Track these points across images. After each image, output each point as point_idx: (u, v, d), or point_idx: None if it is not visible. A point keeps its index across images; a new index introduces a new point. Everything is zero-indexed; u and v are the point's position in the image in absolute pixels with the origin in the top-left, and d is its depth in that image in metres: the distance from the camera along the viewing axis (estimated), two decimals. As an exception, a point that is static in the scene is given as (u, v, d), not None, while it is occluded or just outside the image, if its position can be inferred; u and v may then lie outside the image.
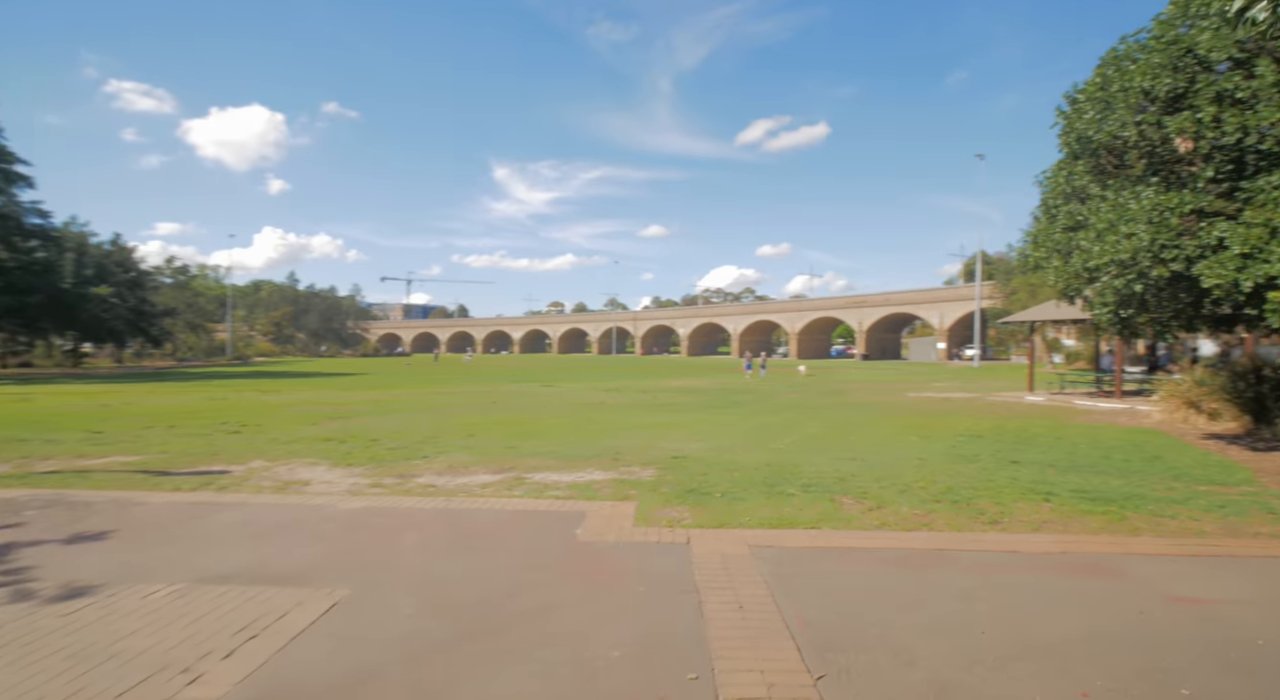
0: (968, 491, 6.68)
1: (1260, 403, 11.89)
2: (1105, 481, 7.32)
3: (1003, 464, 8.82)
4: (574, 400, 20.10)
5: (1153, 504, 6.14)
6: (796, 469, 8.06)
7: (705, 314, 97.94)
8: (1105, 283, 9.19)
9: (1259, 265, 6.90)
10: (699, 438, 11.40)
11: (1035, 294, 40.97)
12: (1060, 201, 10.72)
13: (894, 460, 9.04)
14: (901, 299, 71.43)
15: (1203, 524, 5.46)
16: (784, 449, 10.12)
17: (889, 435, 11.99)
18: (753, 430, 12.53)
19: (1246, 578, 4.20)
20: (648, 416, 15.17)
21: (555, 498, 6.46)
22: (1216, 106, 7.17)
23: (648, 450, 9.79)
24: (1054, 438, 11.64)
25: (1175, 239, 7.89)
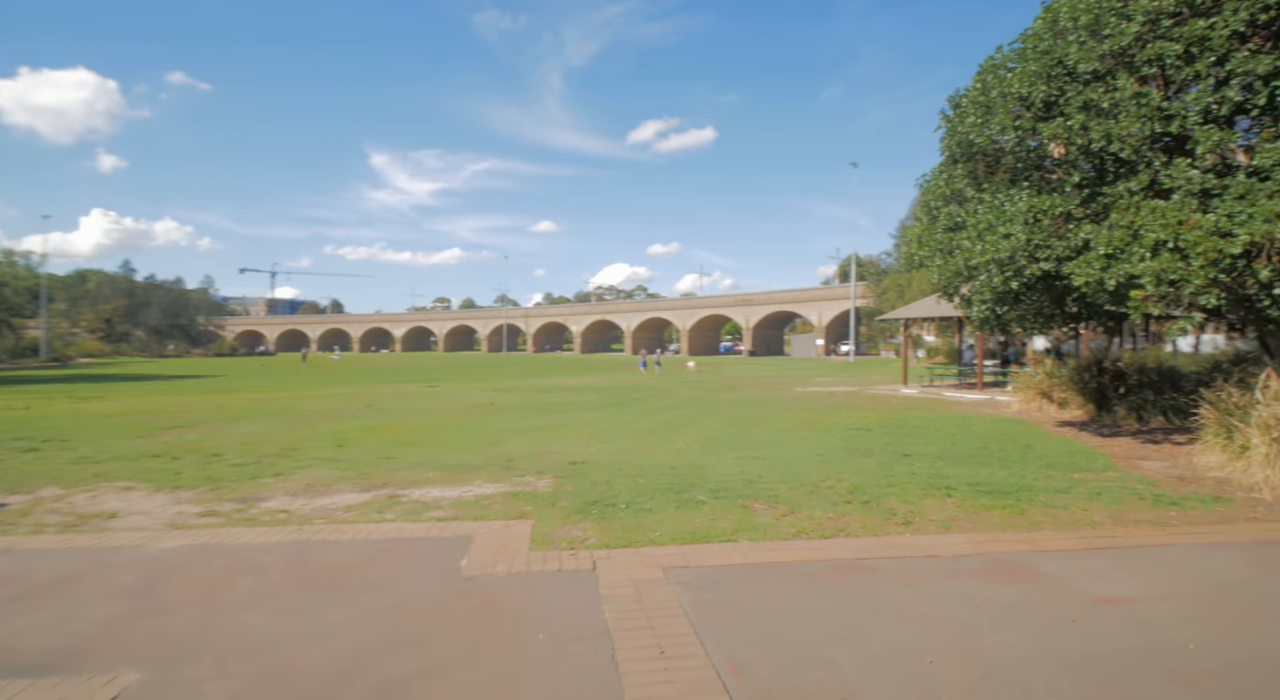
0: (874, 490, 6.57)
1: (1101, 393, 13.21)
2: (993, 473, 7.56)
3: (896, 457, 8.97)
4: (461, 402, 18.77)
5: (1041, 494, 6.32)
6: (703, 471, 7.66)
7: (598, 311, 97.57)
8: (983, 281, 9.64)
9: (1120, 265, 7.38)
10: (598, 439, 10.78)
11: (903, 294, 44.41)
12: (941, 203, 11.19)
13: (796, 457, 8.93)
14: (784, 297, 75.05)
15: (1091, 514, 5.63)
16: (687, 449, 9.75)
17: (785, 430, 12.04)
18: (653, 429, 12.11)
19: (1149, 570, 4.23)
20: (542, 418, 14.34)
21: (436, 519, 5.55)
22: (1084, 115, 7.62)
23: (543, 456, 9.02)
24: (934, 429, 12.22)
25: (1047, 240, 8.33)
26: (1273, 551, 4.62)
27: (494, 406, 17.55)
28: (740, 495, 6.33)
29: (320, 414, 15.24)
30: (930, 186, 11.59)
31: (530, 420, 13.93)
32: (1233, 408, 7.62)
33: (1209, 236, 6.17)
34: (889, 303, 47.03)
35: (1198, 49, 6.82)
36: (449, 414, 15.27)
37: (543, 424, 13.15)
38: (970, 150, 9.82)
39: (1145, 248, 6.94)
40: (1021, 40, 9.33)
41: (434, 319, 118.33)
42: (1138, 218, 7.02)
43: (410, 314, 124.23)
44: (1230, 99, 6.63)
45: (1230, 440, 7.29)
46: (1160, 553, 4.56)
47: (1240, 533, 5.02)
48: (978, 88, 9.08)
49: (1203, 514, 5.61)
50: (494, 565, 4.32)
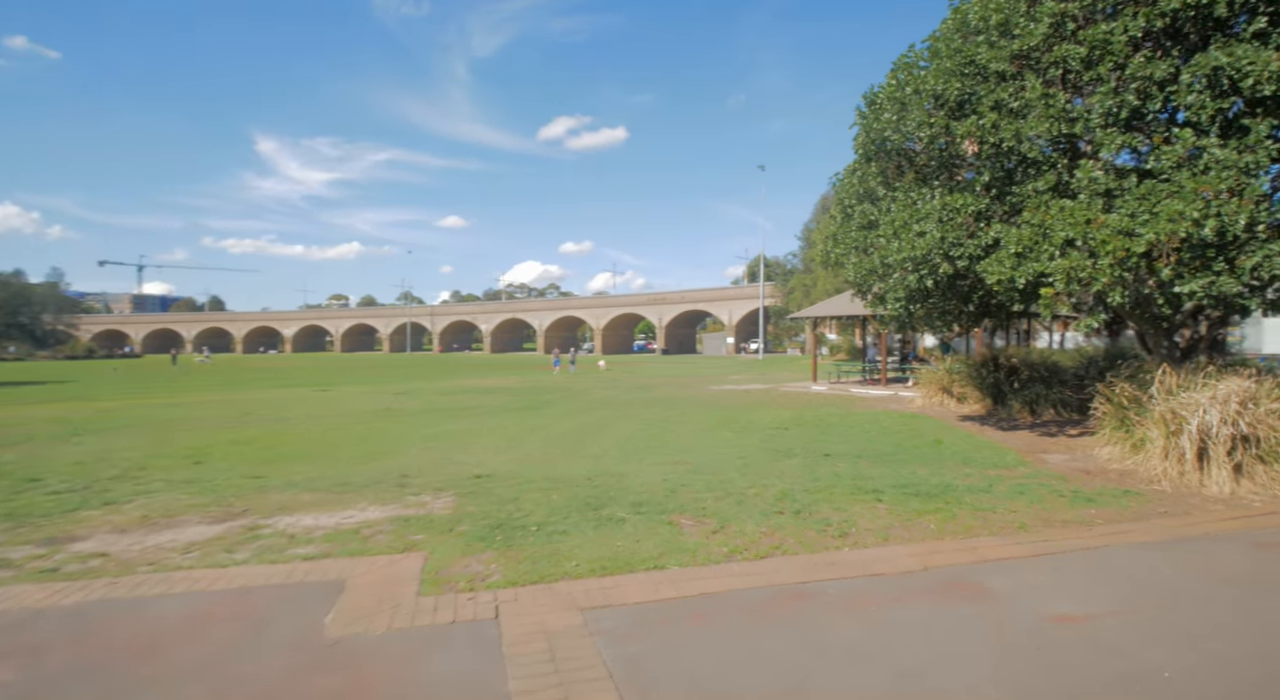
0: (803, 496, 6.20)
1: (997, 388, 13.85)
2: (915, 472, 7.45)
3: (818, 458, 8.77)
4: (355, 407, 17.15)
5: (967, 495, 6.20)
6: (623, 481, 7.04)
7: (509, 309, 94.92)
8: (897, 279, 9.66)
9: (1030, 264, 7.48)
10: (507, 447, 9.91)
11: (809, 294, 46.02)
12: (855, 201, 11.21)
13: (718, 460, 8.51)
14: (696, 297, 76.16)
15: (1019, 515, 5.51)
16: (604, 455, 9.10)
17: (703, 431, 11.68)
18: (568, 434, 11.37)
19: (1092, 579, 4.04)
20: (446, 424, 13.21)
21: (302, 558, 4.57)
22: (995, 114, 7.69)
23: (444, 469, 8.07)
24: (848, 426, 12.28)
25: (960, 238, 8.38)
26: (1195, 550, 4.60)
27: (392, 412, 16.13)
28: (664, 509, 5.76)
29: (183, 425, 13.29)
30: (844, 185, 11.60)
31: (432, 427, 12.78)
32: (1126, 402, 7.94)
33: (1115, 235, 6.28)
34: (796, 302, 48.62)
35: (1099, 53, 6.99)
36: (339, 421, 13.78)
37: (446, 431, 12.07)
38: (885, 147, 9.81)
39: (1054, 246, 7.03)
40: (931, 40, 9.41)
41: (330, 317, 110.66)
42: (1047, 217, 7.11)
43: (303, 312, 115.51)
44: (1129, 103, 6.84)
45: (1127, 433, 7.57)
46: (1096, 557, 4.42)
47: (1160, 530, 5.02)
48: (893, 84, 9.04)
49: (1119, 511, 5.64)
50: (369, 620, 3.47)
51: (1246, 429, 6.03)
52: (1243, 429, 6.03)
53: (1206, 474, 6.26)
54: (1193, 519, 5.35)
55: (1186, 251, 6.02)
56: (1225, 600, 3.72)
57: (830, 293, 42.33)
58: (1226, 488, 6.05)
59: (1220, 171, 5.92)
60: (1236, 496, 5.98)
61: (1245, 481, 6.08)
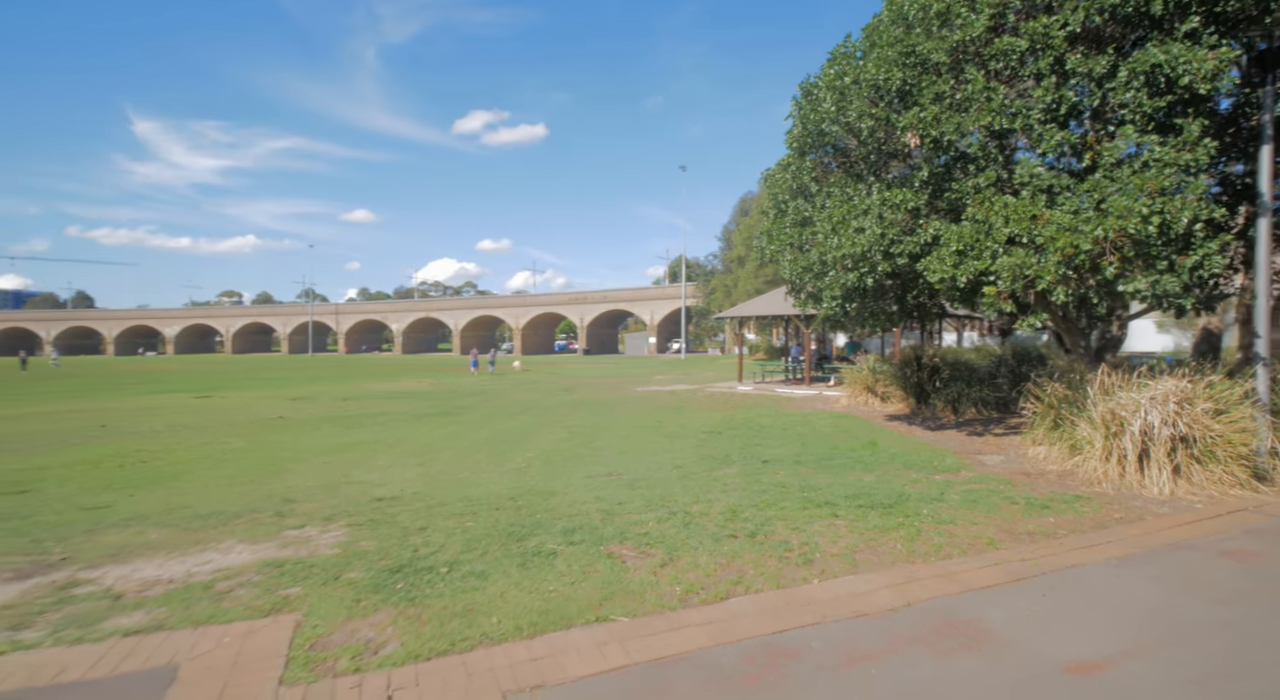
0: (753, 513, 5.61)
1: (920, 387, 14.04)
2: (861, 480, 7.06)
3: (757, 465, 8.28)
4: (240, 416, 15.20)
5: (923, 506, 5.82)
6: (551, 500, 6.19)
7: (422, 308, 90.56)
8: (833, 277, 9.35)
9: (971, 262, 7.28)
10: (416, 462, 8.79)
11: (730, 294, 46.51)
12: (788, 197, 10.86)
13: (653, 471, 7.83)
14: (618, 296, 75.60)
15: (982, 528, 5.15)
16: (528, 468, 8.20)
17: (634, 437, 10.99)
18: (486, 444, 10.33)
19: (1088, 611, 3.64)
20: (347, 434, 11.79)
21: (124, 633, 3.43)
22: (937, 106, 7.45)
23: (338, 491, 6.91)
24: (781, 428, 11.97)
25: (899, 235, 8.12)
26: (1170, 565, 4.35)
27: (284, 421, 14.39)
28: (602, 536, 4.97)
29: (17, 442, 11.09)
30: (776, 180, 11.23)
31: (331, 438, 11.34)
32: (1058, 402, 7.94)
33: (1062, 232, 6.11)
34: (717, 302, 49.04)
35: (1040, 46, 6.86)
36: (218, 434, 12.01)
37: (346, 443, 10.71)
38: (822, 140, 9.47)
39: (997, 243, 6.83)
40: (867, 31, 9.13)
41: (220, 316, 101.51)
42: (990, 213, 6.90)
43: (188, 310, 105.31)
44: (1068, 99, 6.74)
45: (1062, 435, 7.53)
46: (1079, 579, 4.05)
47: (1126, 541, 4.78)
48: (832, 74, 8.68)
49: (1077, 518, 5.41)
50: (203, 735, 2.48)
51: (1185, 429, 6.00)
52: (1181, 429, 6.00)
53: (1146, 475, 6.21)
54: (1149, 526, 5.18)
55: (1130, 249, 5.92)
56: (1226, 627, 3.40)
57: (751, 293, 42.92)
58: (1167, 489, 5.99)
59: (1161, 169, 5.86)
60: (1176, 498, 5.93)
61: (1182, 482, 6.06)
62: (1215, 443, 5.98)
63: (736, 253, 48.17)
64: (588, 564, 4.34)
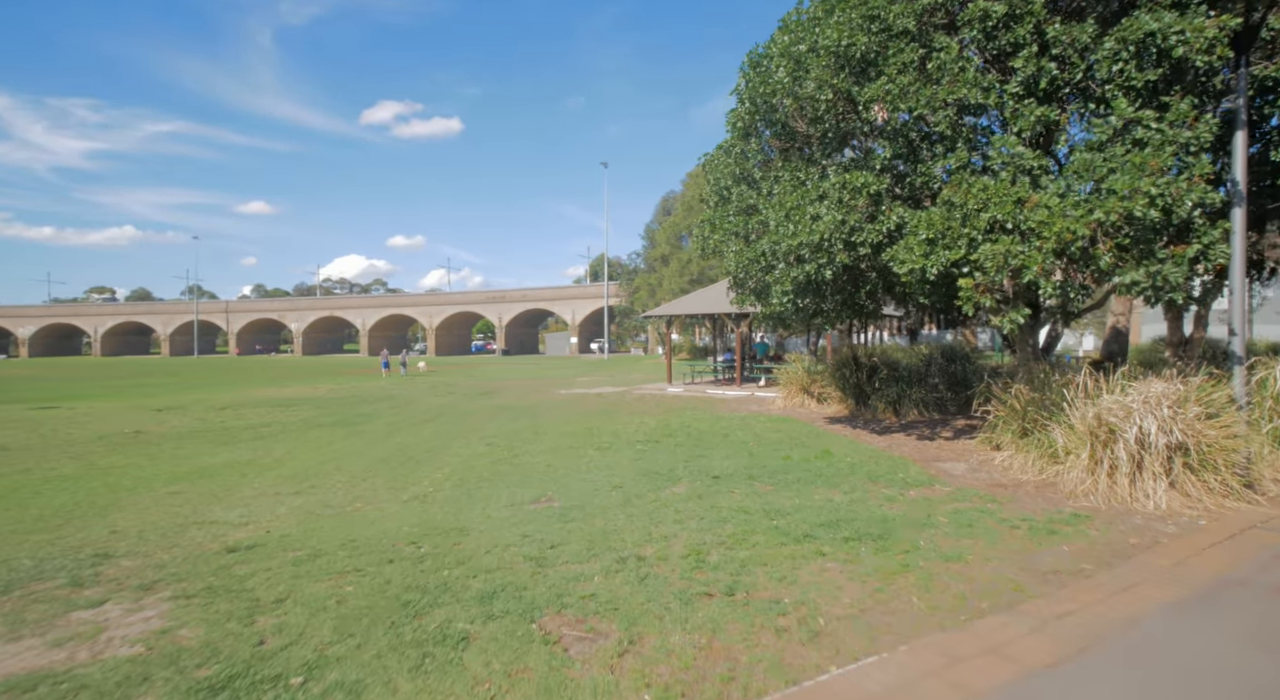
0: (721, 554, 4.51)
1: (859, 388, 13.57)
2: (830, 500, 6.15)
3: (707, 481, 7.24)
4: (85, 433, 12.60)
5: (915, 534, 4.93)
6: (463, 545, 4.83)
7: (325, 306, 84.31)
8: (783, 270, 8.48)
9: (942, 252, 6.56)
10: (296, 489, 7.12)
11: (654, 293, 45.80)
12: (731, 183, 9.94)
13: (590, 495, 6.61)
14: (538, 295, 73.37)
15: (996, 565, 4.30)
16: (436, 493, 6.76)
17: (563, 448, 9.71)
18: (386, 462, 8.72)
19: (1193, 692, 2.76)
20: (216, 453, 9.77)
21: None
22: (907, 77, 6.68)
23: (181, 536, 5.23)
24: (723, 435, 11.04)
25: (861, 223, 7.32)
26: (1230, 610, 3.61)
27: (142, 437, 12.02)
28: (532, 604, 3.70)
29: None
30: (717, 165, 10.28)
31: (193, 459, 9.32)
32: (1024, 405, 7.40)
33: (1055, 216, 5.42)
34: (641, 301, 48.22)
35: (1020, 11, 6.20)
36: (48, 458, 9.64)
37: (211, 466, 8.76)
38: (771, 116, 8.57)
39: (977, 230, 6.11)
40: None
41: (87, 314, 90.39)
42: (968, 196, 6.17)
43: (47, 307, 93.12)
44: (1048, 71, 6.12)
45: (1032, 441, 6.95)
46: (1149, 641, 3.22)
47: (1168, 577, 4.06)
48: (786, 41, 7.77)
49: (1090, 545, 4.68)
50: None
51: (1180, 437, 5.46)
52: (1177, 437, 5.45)
53: (1137, 487, 5.64)
54: (1172, 553, 4.51)
55: (1127, 236, 5.31)
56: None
57: (676, 292, 42.35)
58: (1163, 502, 5.43)
59: (1160, 147, 5.28)
60: (1173, 512, 5.38)
61: (1176, 494, 5.52)
62: (1211, 450, 5.48)
63: (660, 251, 47.59)
64: (514, 658, 3.06)
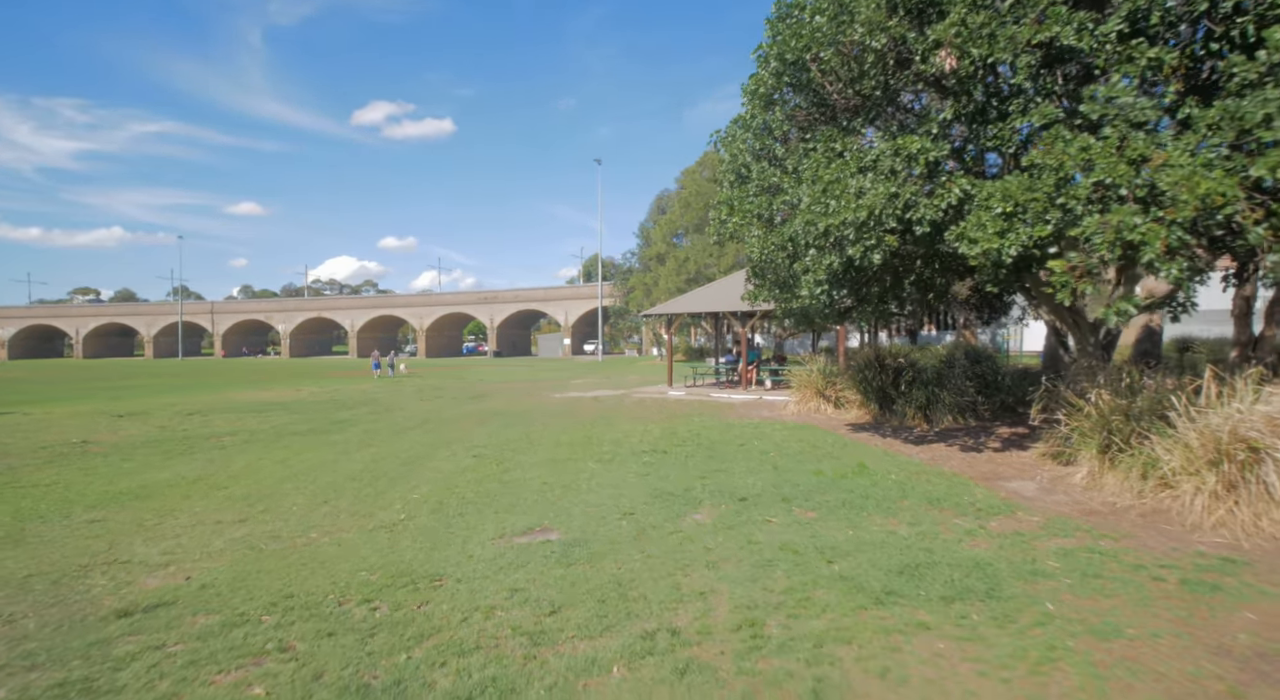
0: (784, 627, 3.31)
1: (884, 392, 12.41)
2: (895, 535, 4.96)
3: (733, 505, 6.06)
4: (25, 442, 11.23)
5: (1027, 585, 3.75)
6: (433, 603, 3.60)
7: (313, 307, 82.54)
8: (814, 257, 7.30)
9: (1021, 229, 5.39)
10: (243, 514, 5.87)
11: (650, 292, 44.61)
12: (751, 160, 8.76)
13: (594, 525, 5.40)
14: (531, 296, 71.99)
15: (1178, 647, 3.12)
16: (409, 522, 5.52)
17: (560, 461, 8.49)
18: (357, 478, 7.47)
19: None
20: (161, 468, 8.47)
21: None
22: (981, 15, 5.52)
23: (66, 592, 3.97)
24: (738, 445, 9.85)
25: (916, 196, 6.15)
26: None
27: (88, 447, 10.71)
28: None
29: None
30: (733, 140, 9.08)
31: (135, 475, 8.03)
32: (1107, 413, 6.24)
33: (1195, 176, 4.26)
34: (636, 301, 46.99)
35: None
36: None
37: (152, 484, 7.48)
38: (803, 77, 7.39)
39: (1077, 199, 4.94)
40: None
41: (68, 315, 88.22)
42: (1064, 158, 5.00)
43: (27, 308, 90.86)
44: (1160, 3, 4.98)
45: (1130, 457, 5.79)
46: None
47: None
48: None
49: (1275, 609, 3.50)
50: None
51: (1349, 456, 4.31)
52: (1345, 457, 4.31)
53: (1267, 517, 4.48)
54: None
55: None
56: None
57: (673, 291, 41.15)
58: (1324, 540, 4.28)
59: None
60: (1340, 552, 4.23)
61: (1339, 528, 4.37)
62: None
63: (656, 250, 46.39)
64: None
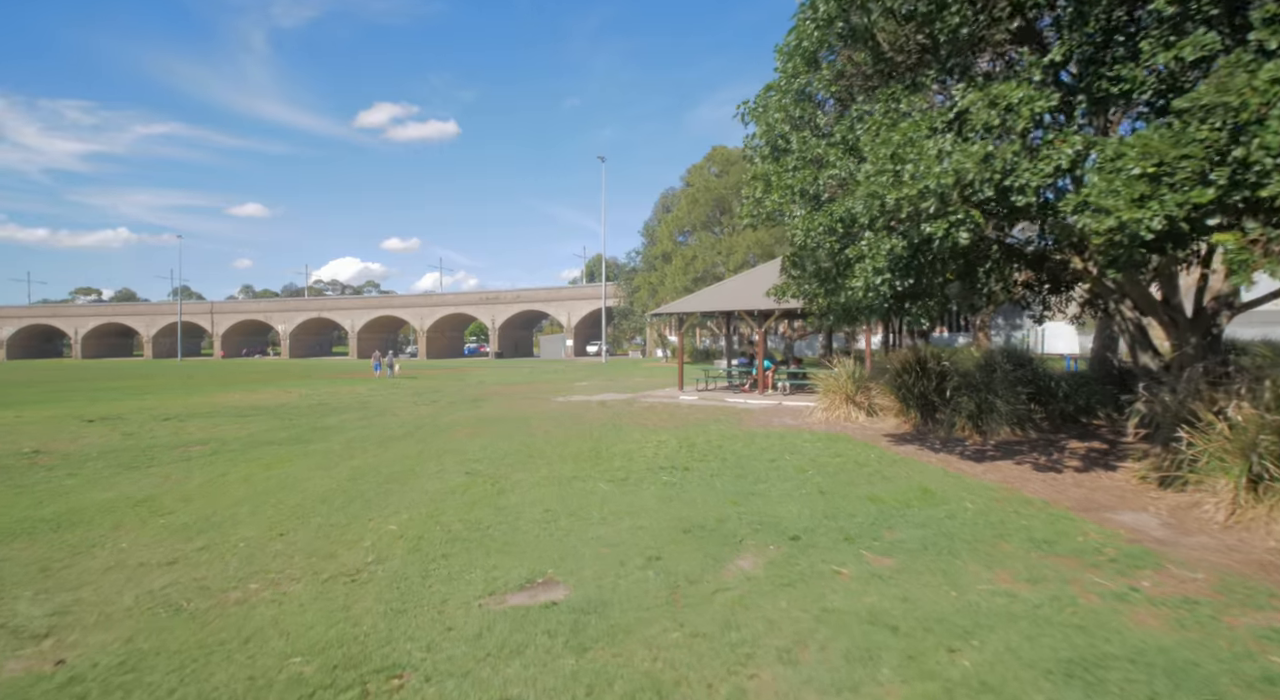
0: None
1: (925, 398, 11.14)
2: (1013, 595, 3.72)
3: (784, 546, 4.82)
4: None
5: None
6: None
7: (313, 307, 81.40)
8: (874, 240, 6.05)
9: (1168, 193, 4.14)
10: (175, 552, 4.64)
11: (655, 292, 43.35)
12: (789, 129, 7.51)
13: (611, 578, 4.15)
14: (533, 296, 70.79)
15: None
16: (375, 566, 4.28)
17: (565, 480, 7.24)
18: (328, 500, 6.22)
19: None
20: (105, 486, 7.24)
21: None
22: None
23: None
24: (768, 459, 8.60)
25: (1018, 159, 4.89)
26: None
27: (35, 460, 9.51)
28: None
29: None
30: (769, 107, 7.81)
31: (72, 495, 6.81)
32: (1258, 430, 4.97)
33: None
34: (641, 301, 45.75)
35: None
36: None
37: (88, 506, 6.26)
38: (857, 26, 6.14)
39: (1268, 150, 3.68)
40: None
41: (66, 315, 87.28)
42: (1249, 94, 3.74)
43: (25, 308, 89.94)
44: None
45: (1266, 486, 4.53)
46: None
47: None
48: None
49: None
50: None
51: None
52: None
53: None
54: None
55: None
56: None
57: (679, 291, 39.85)
58: None
59: None
60: None
61: None
62: None
63: (661, 248, 45.09)
64: None
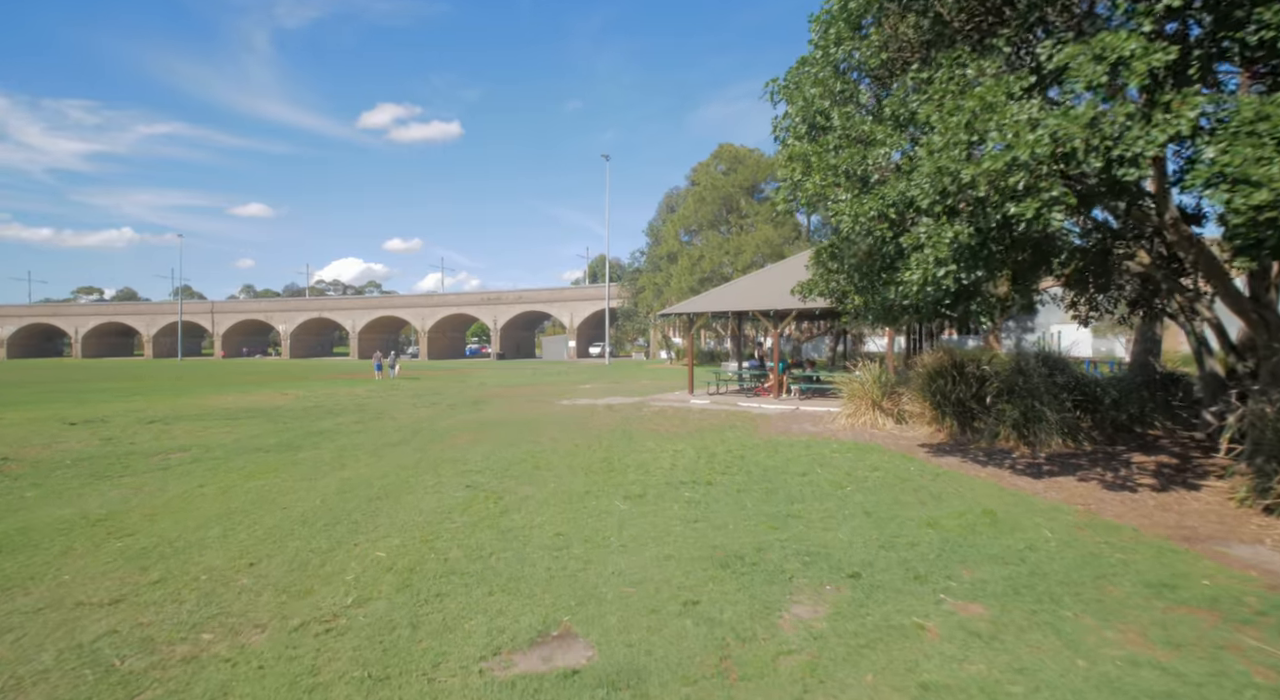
0: None
1: (963, 405, 10.31)
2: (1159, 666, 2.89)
3: (845, 587, 4.01)
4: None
5: None
6: None
7: (314, 307, 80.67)
8: (934, 227, 5.23)
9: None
10: (122, 588, 3.84)
11: (660, 293, 42.50)
12: (829, 104, 6.70)
13: (643, 631, 3.34)
14: (535, 297, 70.00)
15: None
16: (354, 610, 3.46)
17: (576, 498, 6.42)
18: (308, 522, 5.41)
19: None
20: (61, 502, 6.44)
21: None
22: None
23: None
24: (798, 473, 7.79)
25: (1127, 126, 4.08)
26: None
27: (5, 467, 8.77)
28: None
29: None
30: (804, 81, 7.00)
31: (22, 512, 6.03)
32: None
33: None
34: (646, 302, 44.93)
35: None
36: None
37: (37, 525, 5.46)
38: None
39: None
40: None
41: (67, 314, 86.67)
42: None
43: (25, 307, 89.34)
44: None
45: None
46: None
47: None
48: None
49: None
50: None
51: None
52: None
53: None
54: None
55: None
56: None
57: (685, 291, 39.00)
58: None
59: None
60: None
61: None
62: None
63: (667, 248, 44.23)
64: None
